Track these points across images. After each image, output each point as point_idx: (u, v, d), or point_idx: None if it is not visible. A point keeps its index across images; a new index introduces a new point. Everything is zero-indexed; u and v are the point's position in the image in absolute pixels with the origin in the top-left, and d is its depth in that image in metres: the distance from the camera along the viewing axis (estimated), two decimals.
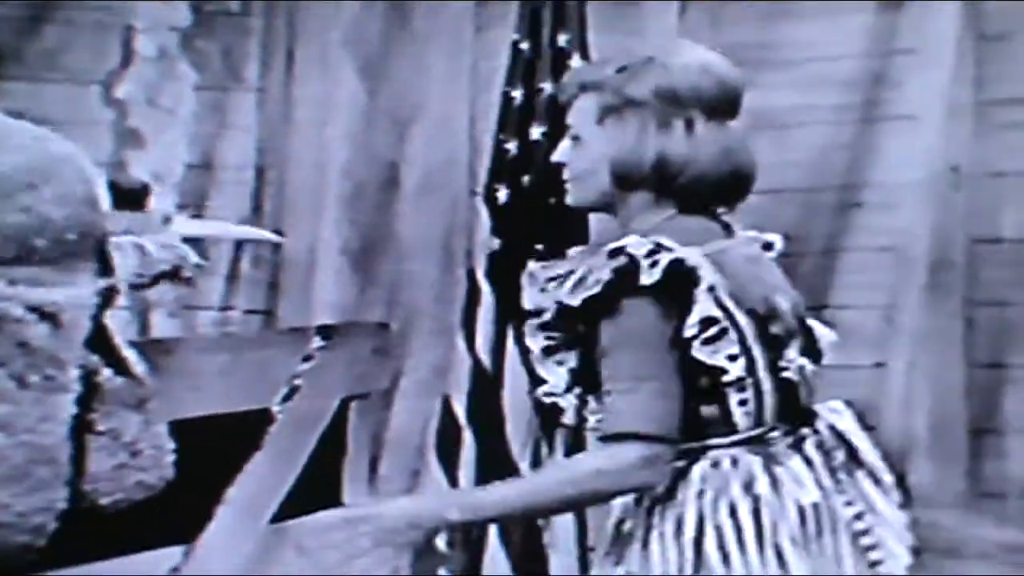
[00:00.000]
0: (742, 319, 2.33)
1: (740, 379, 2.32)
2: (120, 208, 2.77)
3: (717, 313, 2.31)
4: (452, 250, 4.48)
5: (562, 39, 4.04)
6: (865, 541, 2.35)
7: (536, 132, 4.04)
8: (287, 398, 3.19)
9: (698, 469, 2.32)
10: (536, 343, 2.41)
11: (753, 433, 2.34)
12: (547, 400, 2.43)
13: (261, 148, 4.59)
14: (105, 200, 2.72)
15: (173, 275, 2.78)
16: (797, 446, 2.36)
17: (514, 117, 4.04)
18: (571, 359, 2.39)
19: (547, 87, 4.05)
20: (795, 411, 2.38)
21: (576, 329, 2.35)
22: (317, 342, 3.25)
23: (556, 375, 2.41)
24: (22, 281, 2.65)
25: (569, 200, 2.46)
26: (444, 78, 4.53)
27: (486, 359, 3.95)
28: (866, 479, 2.39)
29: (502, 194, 4.01)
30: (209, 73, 4.57)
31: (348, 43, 4.55)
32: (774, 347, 2.36)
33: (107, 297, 2.73)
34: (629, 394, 2.27)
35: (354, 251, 4.51)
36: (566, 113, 2.44)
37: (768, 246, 2.51)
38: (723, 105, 2.40)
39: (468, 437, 3.94)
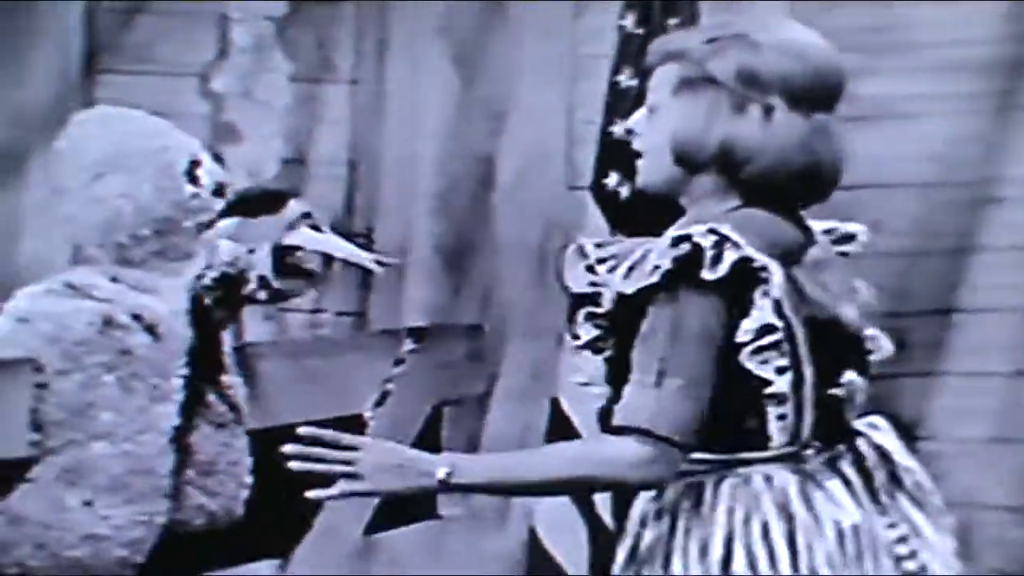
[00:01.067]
0: (799, 330, 2.25)
1: (783, 393, 2.24)
2: (253, 214, 2.78)
3: (776, 321, 2.22)
4: (549, 247, 4.44)
5: (672, 24, 4.01)
6: (909, 566, 2.27)
7: None
8: (378, 404, 3.18)
9: (727, 485, 2.25)
10: (583, 330, 2.33)
11: (788, 450, 2.26)
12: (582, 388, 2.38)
13: (353, 142, 4.58)
14: (200, 196, 2.71)
15: (235, 281, 2.78)
16: (834, 464, 2.29)
17: (624, 107, 4.01)
18: (608, 348, 2.32)
19: None
20: (834, 428, 2.30)
21: (624, 317, 2.27)
22: (408, 345, 3.23)
23: (594, 364, 2.35)
24: (124, 281, 2.65)
25: (639, 181, 2.38)
26: (541, 67, 4.50)
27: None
28: (909, 501, 2.31)
29: (624, 189, 3.98)
30: (303, 64, 4.57)
31: (442, 31, 4.53)
32: (826, 361, 2.27)
33: (224, 306, 2.72)
34: (652, 388, 2.20)
35: (447, 249, 4.49)
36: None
37: (848, 238, 2.42)
38: (814, 95, 2.30)
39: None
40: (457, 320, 4.36)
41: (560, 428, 3.95)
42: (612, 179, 4.01)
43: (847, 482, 2.28)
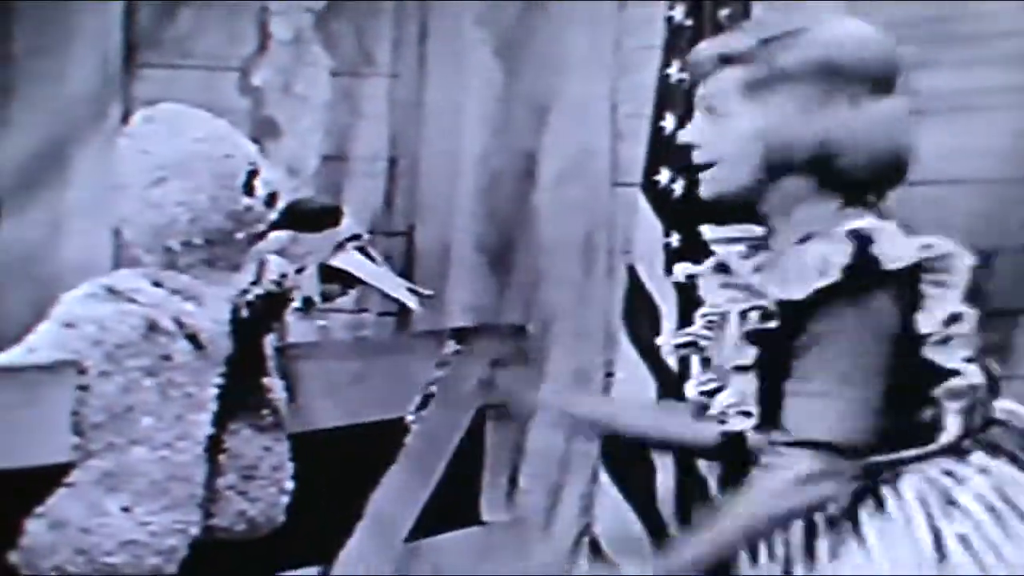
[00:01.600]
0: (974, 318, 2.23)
1: (967, 385, 2.21)
2: (306, 228, 2.80)
3: (964, 309, 2.20)
4: (594, 246, 4.42)
5: (723, 14, 3.98)
6: None
7: None
8: (421, 407, 3.17)
9: (908, 482, 2.24)
10: (732, 346, 2.30)
11: (953, 442, 2.24)
12: (731, 413, 2.34)
13: (393, 137, 4.56)
14: (254, 208, 2.72)
15: (279, 298, 2.79)
16: (995, 451, 2.28)
17: (674, 100, 3.98)
18: (753, 363, 2.30)
19: None
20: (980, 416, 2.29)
21: (785, 327, 2.24)
22: (451, 346, 3.22)
23: (742, 382, 2.31)
24: (168, 286, 2.66)
25: (705, 190, 2.36)
26: (585, 59, 4.47)
27: (673, 362, 3.91)
28: None
29: (677, 186, 3.95)
30: (342, 58, 4.56)
31: (483, 22, 4.50)
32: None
33: (265, 318, 2.72)
34: (826, 398, 2.17)
35: (490, 248, 4.47)
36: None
37: None
38: (885, 79, 2.30)
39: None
40: (500, 321, 4.33)
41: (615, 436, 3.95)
42: (664, 176, 3.98)
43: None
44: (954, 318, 2.21)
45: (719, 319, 2.39)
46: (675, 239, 3.95)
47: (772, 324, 2.26)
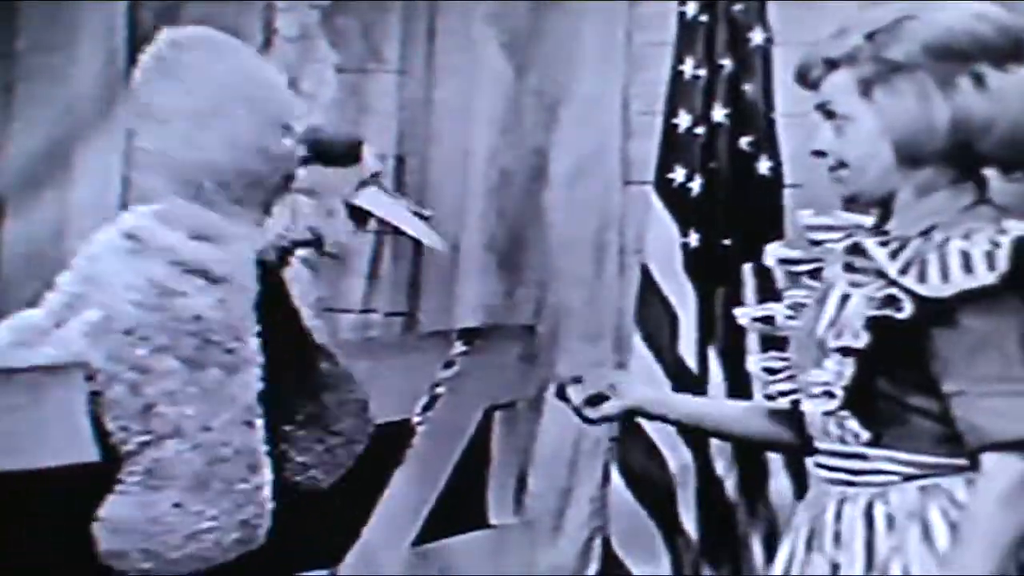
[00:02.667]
0: None
1: None
2: (331, 163, 2.76)
3: None
4: (605, 244, 4.43)
5: (736, 10, 3.98)
6: None
7: (719, 114, 3.97)
8: (428, 408, 3.17)
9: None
10: (847, 326, 2.30)
11: None
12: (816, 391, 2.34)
13: (401, 134, 4.56)
14: (291, 150, 2.69)
15: (314, 244, 2.77)
16: None
17: (688, 97, 3.99)
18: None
19: (727, 64, 3.98)
20: None
21: (918, 319, 2.24)
22: (459, 347, 3.23)
23: (842, 364, 2.30)
24: (192, 229, 2.60)
25: (844, 191, 2.36)
26: (596, 55, 4.47)
27: (692, 362, 3.91)
28: None
29: (695, 184, 3.96)
30: (349, 53, 4.56)
31: (493, 18, 4.50)
32: None
33: (281, 257, 2.69)
34: (1013, 398, 2.19)
35: (500, 247, 4.47)
36: (741, 91, 2.35)
37: None
38: (1010, 50, 2.28)
39: (671, 450, 3.88)
40: (510, 321, 4.34)
41: (630, 433, 3.95)
42: (679, 174, 3.99)
43: None
44: None
45: (818, 298, 2.39)
46: (694, 238, 3.95)
47: (901, 315, 2.26)
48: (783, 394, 2.49)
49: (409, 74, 4.57)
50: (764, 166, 3.97)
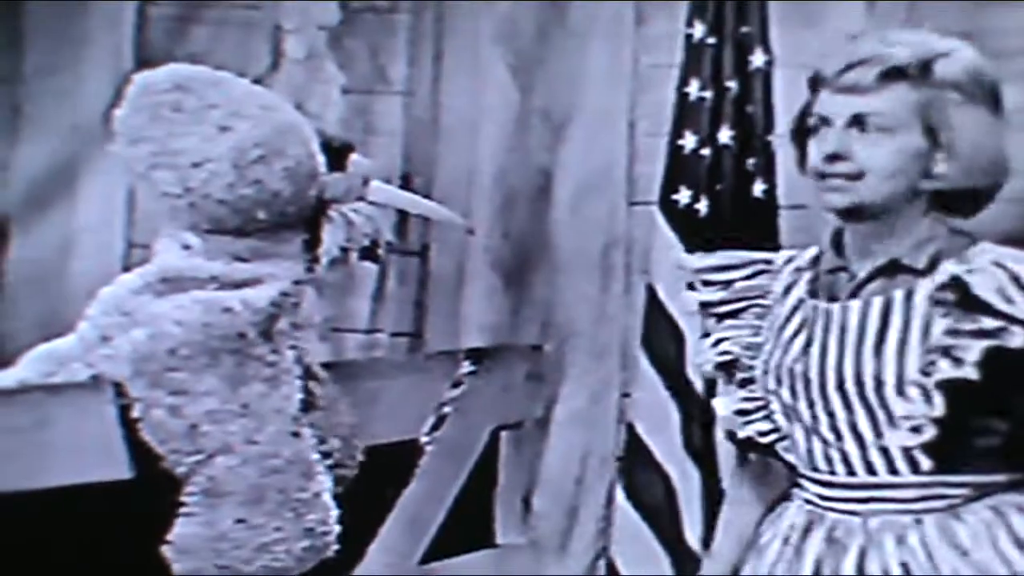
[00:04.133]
0: None
1: None
2: (334, 167, 2.78)
3: None
4: (611, 264, 4.46)
5: (743, 31, 4.01)
6: None
7: (725, 136, 4.01)
8: (435, 428, 3.20)
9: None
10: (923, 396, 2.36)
11: None
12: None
13: (407, 154, 4.60)
14: (322, 168, 2.73)
15: (370, 251, 2.80)
16: None
17: (694, 118, 4.01)
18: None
19: (733, 86, 4.01)
20: None
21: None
22: (466, 367, 3.26)
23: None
24: (230, 252, 2.62)
25: (841, 196, 2.40)
26: (602, 76, 4.50)
27: (699, 385, 3.93)
28: None
29: (701, 205, 3.98)
30: (355, 74, 4.59)
31: (500, 39, 4.54)
32: None
33: (310, 271, 2.73)
34: None
35: (506, 266, 4.51)
36: (745, 113, 2.40)
37: None
38: (997, 98, 2.43)
39: (677, 469, 3.92)
40: (516, 340, 4.37)
41: (635, 452, 3.97)
42: (684, 195, 4.01)
43: None
44: None
45: (807, 339, 2.43)
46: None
47: (1013, 344, 2.32)
48: (762, 434, 2.51)
49: (415, 95, 4.61)
50: (759, 188, 4.01)
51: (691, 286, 2.61)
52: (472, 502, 3.33)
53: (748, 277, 2.54)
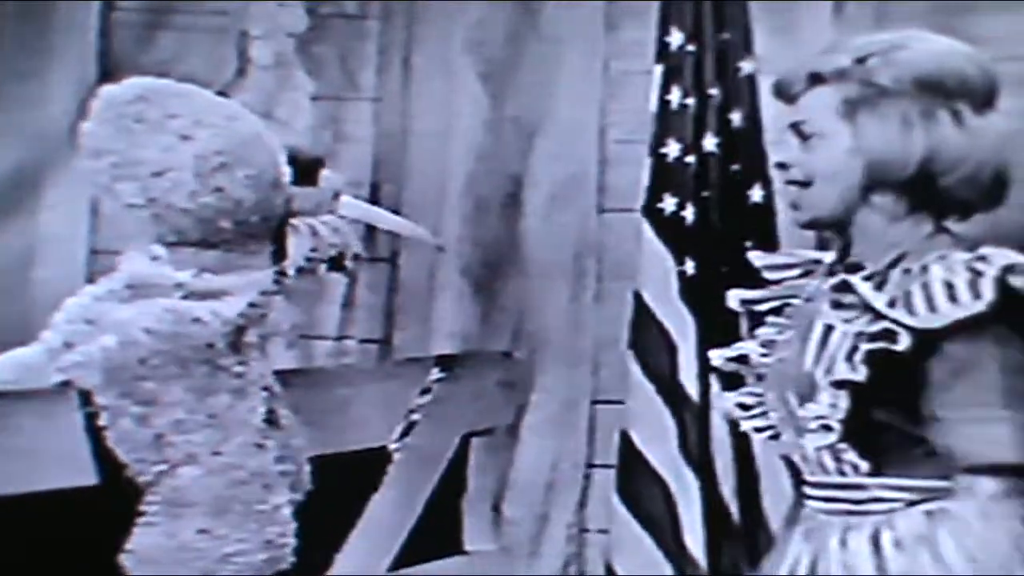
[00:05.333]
0: None
1: None
2: (294, 182, 2.80)
3: None
4: (582, 271, 4.47)
5: (723, 39, 4.03)
6: None
7: (710, 143, 4.04)
8: (404, 435, 3.22)
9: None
10: (841, 361, 2.34)
11: None
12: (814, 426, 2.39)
13: (377, 161, 4.61)
14: (288, 179, 2.75)
15: (337, 262, 2.82)
16: None
17: (676, 126, 4.03)
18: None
19: (715, 93, 4.04)
20: None
21: (915, 351, 2.30)
22: (436, 374, 3.29)
23: (837, 398, 2.35)
24: (201, 268, 2.64)
25: (800, 212, 2.41)
26: (573, 83, 4.52)
27: (693, 391, 3.96)
28: None
29: (688, 214, 4.01)
30: (324, 81, 4.60)
31: (470, 46, 4.56)
32: None
33: (277, 283, 2.75)
34: (1003, 422, 2.26)
35: (476, 273, 4.52)
36: (728, 120, 2.38)
37: None
38: (987, 95, 2.37)
39: (675, 476, 3.95)
40: (486, 348, 4.37)
41: (632, 462, 3.99)
42: (669, 203, 4.04)
43: None
44: None
45: (800, 334, 2.45)
46: (690, 266, 3.99)
47: (898, 347, 2.31)
48: (759, 430, 2.53)
49: (385, 102, 4.61)
50: (757, 194, 4.04)
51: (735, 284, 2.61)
52: (442, 509, 3.35)
53: (798, 277, 2.54)
